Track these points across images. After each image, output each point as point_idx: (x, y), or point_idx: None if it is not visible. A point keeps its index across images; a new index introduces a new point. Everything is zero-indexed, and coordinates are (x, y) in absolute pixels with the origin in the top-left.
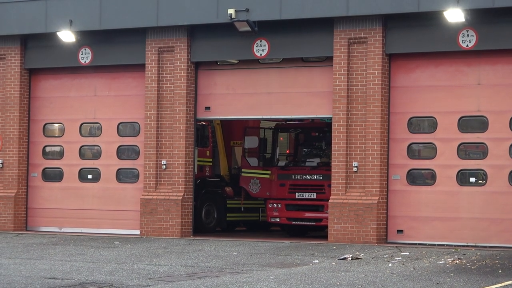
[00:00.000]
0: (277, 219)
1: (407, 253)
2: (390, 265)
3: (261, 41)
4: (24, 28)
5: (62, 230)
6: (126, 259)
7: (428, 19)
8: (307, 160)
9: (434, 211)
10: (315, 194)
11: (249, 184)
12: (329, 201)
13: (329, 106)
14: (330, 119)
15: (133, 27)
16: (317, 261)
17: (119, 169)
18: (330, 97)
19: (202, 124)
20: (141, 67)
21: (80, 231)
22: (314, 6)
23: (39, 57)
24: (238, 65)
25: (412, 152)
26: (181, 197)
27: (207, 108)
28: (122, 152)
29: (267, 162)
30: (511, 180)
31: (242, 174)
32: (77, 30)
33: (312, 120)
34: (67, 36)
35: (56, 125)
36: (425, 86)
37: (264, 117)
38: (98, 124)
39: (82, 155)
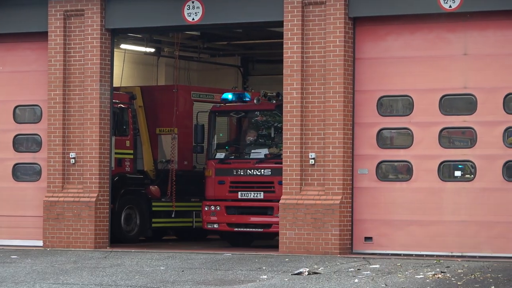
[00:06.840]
0: (216, 225)
1: (377, 266)
2: (356, 281)
3: (193, 2)
4: None
5: None
6: (26, 277)
7: None
8: (252, 151)
9: (410, 213)
10: (262, 193)
11: None
12: (280, 201)
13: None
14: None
15: None
16: (265, 276)
17: (16, 164)
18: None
19: (121, 107)
20: (42, 35)
21: None
22: None
23: None
24: None
25: (383, 140)
26: (94, 199)
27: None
28: (20, 143)
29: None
30: (505, 174)
31: None
32: None
33: (258, 100)
34: None
35: None
36: (398, 58)
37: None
38: None
39: None
